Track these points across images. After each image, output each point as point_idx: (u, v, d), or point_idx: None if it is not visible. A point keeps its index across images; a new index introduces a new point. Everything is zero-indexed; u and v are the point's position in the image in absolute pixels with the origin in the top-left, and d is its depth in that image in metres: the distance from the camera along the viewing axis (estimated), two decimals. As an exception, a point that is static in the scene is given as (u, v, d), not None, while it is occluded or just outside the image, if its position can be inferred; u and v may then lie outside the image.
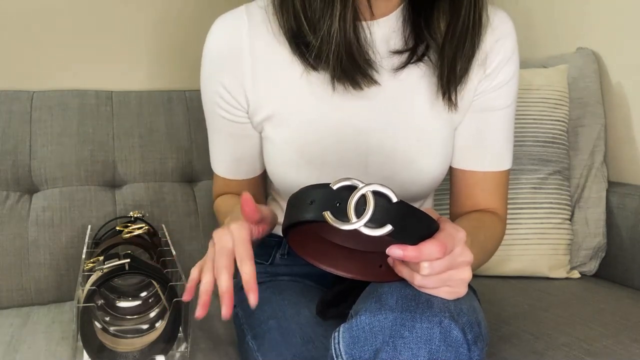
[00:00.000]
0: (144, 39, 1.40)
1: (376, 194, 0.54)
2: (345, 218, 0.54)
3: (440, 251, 0.54)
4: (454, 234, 0.56)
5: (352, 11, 0.70)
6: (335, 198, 0.55)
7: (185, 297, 0.65)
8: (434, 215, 0.59)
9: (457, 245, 0.56)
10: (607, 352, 0.84)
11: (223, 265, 0.62)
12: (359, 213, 0.53)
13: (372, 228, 0.53)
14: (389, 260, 0.61)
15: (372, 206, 0.53)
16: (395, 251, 0.54)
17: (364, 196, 0.54)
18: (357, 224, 0.53)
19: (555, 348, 0.86)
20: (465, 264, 0.57)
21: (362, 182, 0.55)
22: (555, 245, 1.18)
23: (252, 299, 0.61)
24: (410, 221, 0.55)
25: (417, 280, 0.56)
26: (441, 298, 0.57)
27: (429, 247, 0.54)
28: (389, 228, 0.53)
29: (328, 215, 0.54)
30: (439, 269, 0.55)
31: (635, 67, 1.22)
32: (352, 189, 0.54)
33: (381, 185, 0.54)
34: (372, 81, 0.75)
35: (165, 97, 1.33)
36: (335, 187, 0.55)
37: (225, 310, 0.61)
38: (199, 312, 0.61)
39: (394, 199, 0.54)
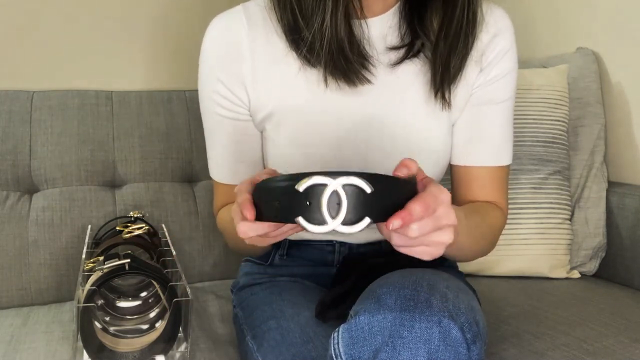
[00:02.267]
0: (144, 39, 1.40)
1: (347, 186, 0.50)
2: (319, 219, 0.51)
3: (423, 210, 0.53)
4: (436, 194, 0.55)
5: (344, 8, 0.71)
6: (304, 199, 0.51)
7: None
8: (420, 175, 0.57)
9: (440, 205, 0.55)
10: (607, 352, 0.84)
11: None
12: (333, 210, 0.50)
13: (349, 225, 0.51)
14: None
15: (345, 203, 0.50)
16: (396, 223, 0.52)
17: (335, 192, 0.50)
18: (333, 225, 0.50)
19: (555, 348, 0.86)
20: (448, 227, 0.56)
21: (330, 177, 0.50)
22: (555, 245, 1.17)
23: (248, 214, 0.55)
24: (389, 202, 0.52)
25: (395, 239, 0.56)
26: (440, 297, 0.57)
27: (415, 208, 0.53)
28: (367, 222, 0.51)
29: (301, 220, 0.51)
30: (426, 230, 0.54)
31: (635, 67, 1.22)
32: (321, 186, 0.50)
33: (351, 176, 0.50)
34: (365, 79, 0.75)
35: (165, 97, 1.33)
36: (301, 189, 0.51)
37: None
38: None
39: (368, 190, 0.51)
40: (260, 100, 0.80)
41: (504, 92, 0.82)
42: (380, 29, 0.78)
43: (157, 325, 0.90)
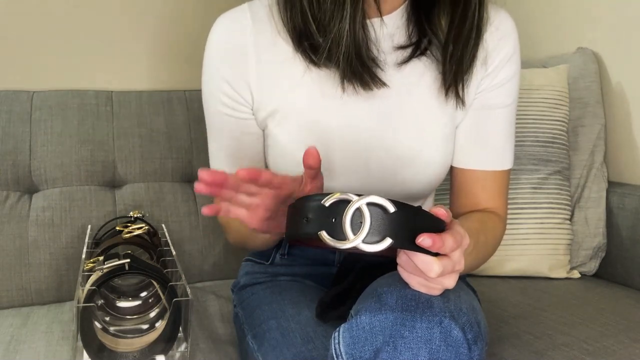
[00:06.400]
0: (144, 39, 1.40)
1: (371, 205, 0.52)
2: (342, 235, 0.52)
3: (454, 245, 0.53)
4: (464, 235, 0.56)
5: (362, 11, 0.70)
6: (329, 214, 0.53)
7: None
8: (447, 218, 0.57)
9: (460, 249, 0.56)
10: (607, 352, 0.84)
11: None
12: (355, 228, 0.51)
13: (371, 244, 0.51)
14: None
15: (368, 221, 0.51)
16: (427, 240, 0.52)
17: (359, 210, 0.52)
18: (355, 242, 0.51)
19: (555, 348, 0.86)
20: (456, 272, 0.56)
21: (356, 195, 0.52)
22: (555, 245, 1.18)
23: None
24: (411, 227, 0.53)
25: (401, 259, 0.56)
26: (441, 298, 0.57)
27: (448, 239, 0.53)
28: (388, 242, 0.51)
29: (324, 235, 0.52)
30: (446, 271, 0.54)
31: (635, 67, 1.22)
32: (345, 202, 0.52)
33: (375, 196, 0.52)
34: (381, 82, 0.75)
35: (165, 97, 1.33)
36: (327, 204, 0.53)
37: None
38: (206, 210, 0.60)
39: (391, 209, 0.52)
40: (264, 99, 0.80)
41: (508, 97, 0.82)
42: (388, 29, 0.78)
43: (157, 325, 0.90)
